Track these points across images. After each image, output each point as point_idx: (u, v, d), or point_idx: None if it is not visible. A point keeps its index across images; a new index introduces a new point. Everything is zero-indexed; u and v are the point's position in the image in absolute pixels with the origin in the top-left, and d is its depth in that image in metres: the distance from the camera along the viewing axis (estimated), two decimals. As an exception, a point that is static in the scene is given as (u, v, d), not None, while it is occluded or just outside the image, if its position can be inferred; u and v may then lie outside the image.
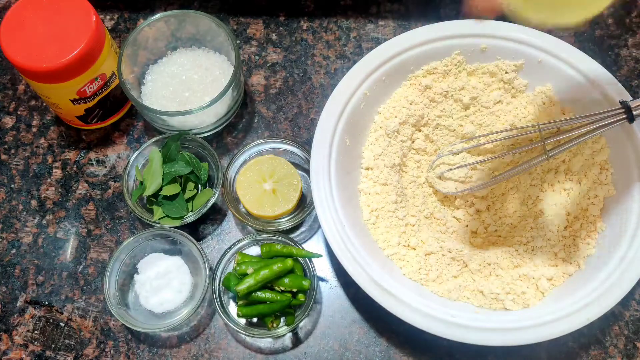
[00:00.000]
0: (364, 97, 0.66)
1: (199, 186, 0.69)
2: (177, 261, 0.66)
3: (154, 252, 0.67)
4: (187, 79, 0.70)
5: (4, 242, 0.69)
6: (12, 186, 0.72)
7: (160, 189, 0.66)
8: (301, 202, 0.68)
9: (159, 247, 0.67)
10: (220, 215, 0.70)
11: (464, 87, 0.68)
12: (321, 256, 0.64)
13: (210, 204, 0.66)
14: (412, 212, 0.66)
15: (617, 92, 0.63)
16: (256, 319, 0.64)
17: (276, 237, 0.64)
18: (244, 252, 0.65)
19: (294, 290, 0.62)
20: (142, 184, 0.67)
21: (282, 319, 0.63)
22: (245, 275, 0.62)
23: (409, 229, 0.65)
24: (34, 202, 0.71)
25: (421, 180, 0.69)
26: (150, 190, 0.66)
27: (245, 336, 0.65)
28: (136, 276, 0.66)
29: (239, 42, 0.77)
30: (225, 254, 0.64)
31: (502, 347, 0.57)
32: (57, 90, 0.65)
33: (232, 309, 0.65)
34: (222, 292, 0.64)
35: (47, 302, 0.67)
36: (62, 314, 0.66)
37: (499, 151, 0.68)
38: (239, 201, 0.67)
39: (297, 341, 0.64)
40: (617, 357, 0.63)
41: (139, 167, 0.68)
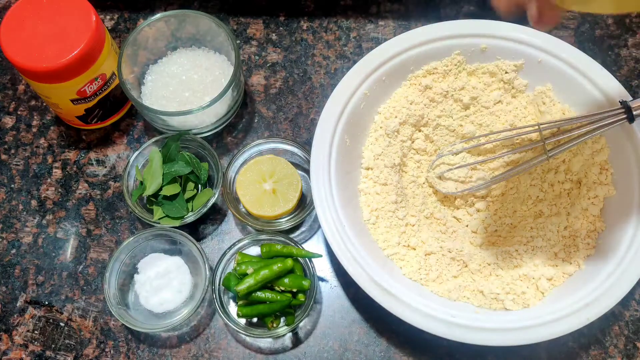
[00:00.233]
0: (364, 97, 0.66)
1: (199, 186, 0.69)
2: (177, 261, 0.66)
3: (154, 252, 0.67)
4: (187, 79, 0.70)
5: (4, 242, 0.69)
6: (12, 186, 0.72)
7: (160, 189, 0.66)
8: (301, 202, 0.68)
9: (159, 247, 0.67)
10: (220, 215, 0.70)
11: (464, 87, 0.68)
12: (321, 256, 0.64)
13: (210, 204, 0.66)
14: (412, 212, 0.66)
15: (617, 92, 0.63)
16: (256, 319, 0.64)
17: (276, 237, 0.64)
18: (244, 252, 0.65)
19: (294, 290, 0.62)
20: (142, 184, 0.67)
21: (282, 319, 0.63)
22: (245, 275, 0.62)
23: (409, 229, 0.65)
24: (34, 202, 0.71)
25: (421, 180, 0.69)
26: (150, 190, 0.66)
27: (245, 336, 0.65)
28: (136, 276, 0.66)
29: (239, 42, 0.77)
30: (225, 254, 0.64)
31: (502, 347, 0.57)
32: (57, 90, 0.65)
33: (232, 309, 0.65)
34: (222, 292, 0.64)
35: (47, 302, 0.67)
36: (62, 314, 0.66)
37: (499, 151, 0.68)
38: (239, 201, 0.67)
39: (297, 341, 0.64)
40: (617, 357, 0.63)
41: (139, 167, 0.68)
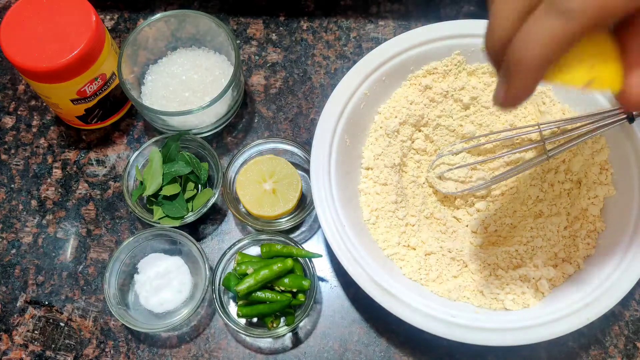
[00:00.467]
0: (364, 97, 0.66)
1: (199, 186, 0.69)
2: (177, 261, 0.66)
3: (154, 252, 0.67)
4: (187, 79, 0.70)
5: (4, 242, 0.69)
6: (12, 186, 0.72)
7: (160, 189, 0.66)
8: (301, 202, 0.68)
9: (159, 247, 0.67)
10: (220, 215, 0.70)
11: (464, 87, 0.68)
12: (321, 256, 0.64)
13: (210, 204, 0.66)
14: (412, 212, 0.66)
15: (617, 92, 0.63)
16: (256, 319, 0.64)
17: (276, 237, 0.64)
18: (244, 252, 0.65)
19: (294, 290, 0.62)
20: (142, 184, 0.67)
21: (282, 319, 0.63)
22: (245, 275, 0.62)
23: (409, 229, 0.65)
24: (34, 202, 0.71)
25: (421, 180, 0.69)
26: (150, 190, 0.66)
27: (245, 336, 0.65)
28: (136, 276, 0.66)
29: (239, 42, 0.77)
30: (225, 254, 0.64)
31: (502, 347, 0.57)
32: (57, 90, 0.65)
33: (232, 309, 0.65)
34: (222, 292, 0.64)
35: (47, 302, 0.67)
36: (62, 314, 0.66)
37: (499, 151, 0.68)
38: (239, 201, 0.67)
39: (297, 341, 0.64)
40: (617, 357, 0.63)
41: (139, 167, 0.68)
